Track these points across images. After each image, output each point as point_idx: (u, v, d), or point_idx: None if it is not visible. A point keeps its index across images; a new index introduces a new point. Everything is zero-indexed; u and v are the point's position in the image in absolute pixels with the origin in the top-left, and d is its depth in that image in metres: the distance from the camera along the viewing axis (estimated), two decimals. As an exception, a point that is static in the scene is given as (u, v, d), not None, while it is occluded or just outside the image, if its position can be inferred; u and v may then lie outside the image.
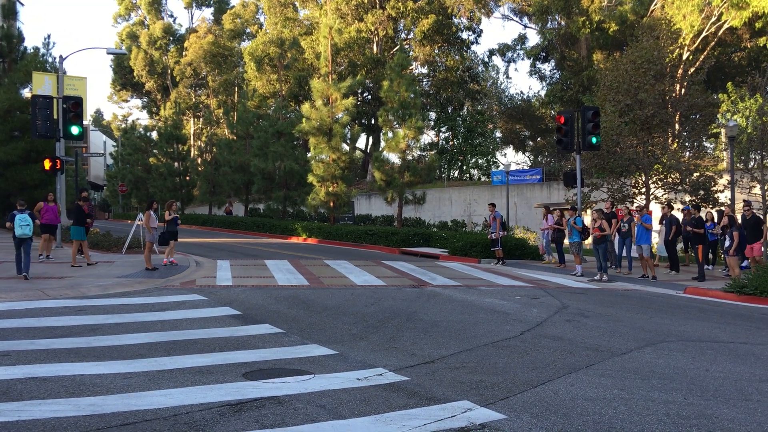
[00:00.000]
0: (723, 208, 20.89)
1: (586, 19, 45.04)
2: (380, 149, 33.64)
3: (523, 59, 57.97)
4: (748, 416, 6.00)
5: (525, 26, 57.04)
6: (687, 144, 28.80)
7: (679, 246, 21.20)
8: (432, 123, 56.19)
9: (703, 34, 37.47)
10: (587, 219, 22.22)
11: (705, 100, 28.56)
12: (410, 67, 48.19)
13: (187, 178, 49.02)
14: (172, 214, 17.57)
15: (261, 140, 37.95)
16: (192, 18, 77.85)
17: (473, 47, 63.43)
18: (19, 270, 14.74)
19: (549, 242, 21.13)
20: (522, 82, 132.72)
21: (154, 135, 54.85)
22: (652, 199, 23.87)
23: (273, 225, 35.18)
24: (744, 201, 18.21)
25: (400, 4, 51.44)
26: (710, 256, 20.17)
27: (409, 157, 29.65)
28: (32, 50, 35.15)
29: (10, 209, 16.83)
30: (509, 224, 29.51)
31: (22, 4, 42.32)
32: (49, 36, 58.72)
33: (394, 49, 52.14)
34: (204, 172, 48.07)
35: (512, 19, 55.73)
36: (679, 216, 19.64)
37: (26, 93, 32.20)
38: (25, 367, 7.03)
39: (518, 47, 56.50)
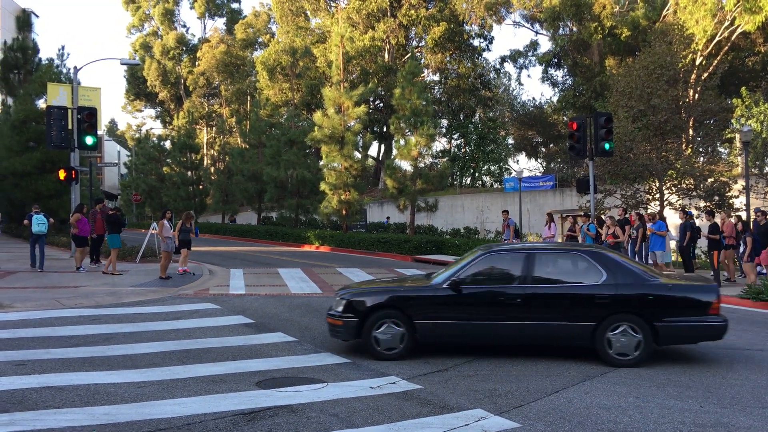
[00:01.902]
0: (719, 214, 20.62)
1: (598, 24, 44.91)
2: (392, 157, 33.65)
3: (534, 65, 57.82)
4: (765, 424, 5.94)
5: (536, 33, 56.94)
6: (701, 149, 28.63)
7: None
8: (444, 130, 56.11)
9: (716, 38, 37.24)
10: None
11: (719, 105, 28.40)
12: (422, 75, 48.34)
13: (201, 187, 49.23)
14: (186, 225, 17.56)
15: (273, 149, 38.07)
16: (205, 28, 78.30)
17: (485, 54, 63.45)
18: (33, 264, 17.45)
19: None
20: (534, 88, 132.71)
21: (168, 144, 55.14)
22: (666, 205, 23.73)
23: (285, 233, 35.26)
24: (755, 209, 18.07)
25: (411, 12, 51.54)
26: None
27: (421, 165, 29.63)
28: (47, 61, 35.53)
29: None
30: (522, 231, 29.42)
31: (37, 16, 42.84)
32: (63, 47, 59.53)
33: (406, 57, 52.23)
34: (217, 181, 48.25)
35: (524, 26, 55.70)
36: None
37: (41, 104, 32.52)
38: (40, 376, 7.08)
39: (530, 54, 56.38)
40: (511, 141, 61.56)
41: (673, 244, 20.22)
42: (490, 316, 8.28)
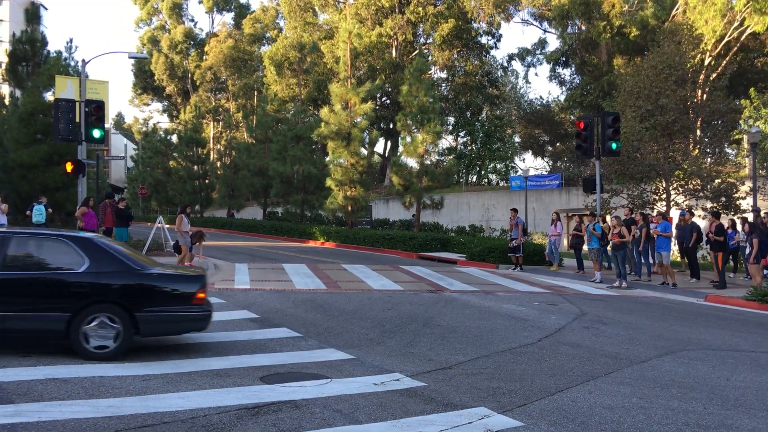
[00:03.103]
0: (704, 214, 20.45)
1: (607, 23, 44.75)
2: (398, 154, 33.63)
3: (542, 64, 57.70)
4: (769, 427, 5.93)
5: (545, 31, 56.78)
6: (708, 150, 28.49)
7: (700, 253, 20.96)
8: (450, 127, 56.11)
9: (726, 39, 37.06)
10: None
11: (727, 106, 28.22)
12: (429, 72, 48.28)
13: (207, 181, 49.33)
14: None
15: (280, 144, 38.10)
16: (213, 22, 78.47)
17: (492, 52, 63.32)
18: None
19: (556, 249, 20.93)
20: (541, 86, 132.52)
21: (174, 138, 55.32)
22: (673, 205, 23.64)
23: (291, 228, 35.30)
24: (756, 208, 17.97)
25: (419, 8, 51.48)
26: (731, 263, 19.91)
27: (428, 162, 29.59)
28: (55, 54, 35.55)
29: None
30: (528, 230, 29.35)
31: (46, 9, 42.93)
32: (71, 40, 59.18)
33: (413, 54, 52.17)
34: (223, 176, 48.35)
35: (532, 24, 55.59)
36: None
37: (49, 96, 32.53)
38: (45, 368, 7.11)
39: (538, 52, 56.27)
40: (517, 139, 61.47)
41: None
42: None
